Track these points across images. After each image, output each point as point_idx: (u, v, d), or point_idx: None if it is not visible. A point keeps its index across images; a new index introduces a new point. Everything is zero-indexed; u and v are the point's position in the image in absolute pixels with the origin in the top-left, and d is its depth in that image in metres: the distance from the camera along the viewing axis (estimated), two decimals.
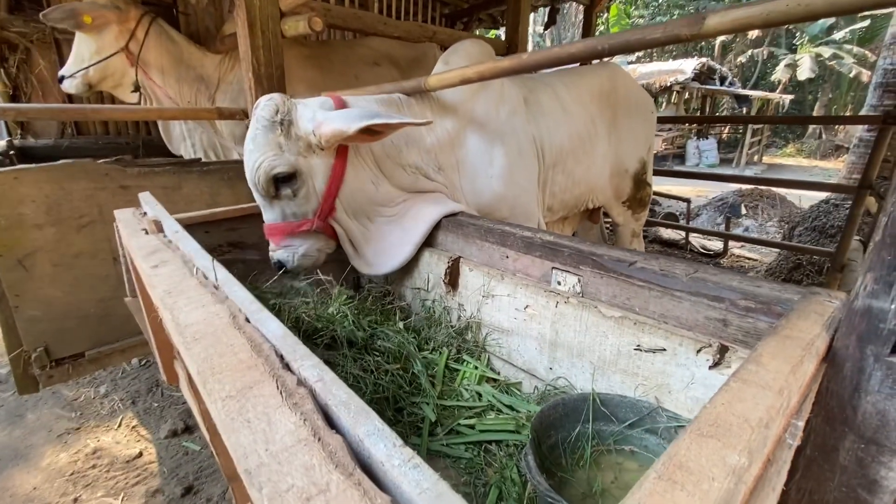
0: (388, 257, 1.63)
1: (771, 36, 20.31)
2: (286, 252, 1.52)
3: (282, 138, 1.40)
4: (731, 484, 0.40)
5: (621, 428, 1.07)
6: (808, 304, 0.79)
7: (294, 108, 1.43)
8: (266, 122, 1.39)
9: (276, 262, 1.54)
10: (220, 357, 0.51)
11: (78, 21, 2.59)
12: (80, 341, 2.01)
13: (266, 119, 1.40)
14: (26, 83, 3.26)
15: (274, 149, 1.40)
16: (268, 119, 1.39)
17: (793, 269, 4.30)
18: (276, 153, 1.40)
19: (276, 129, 1.39)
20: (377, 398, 1.19)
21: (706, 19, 0.91)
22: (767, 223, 6.55)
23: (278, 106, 1.41)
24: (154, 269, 0.83)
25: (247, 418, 0.41)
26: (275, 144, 1.40)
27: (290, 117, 1.41)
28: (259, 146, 1.40)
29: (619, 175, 2.57)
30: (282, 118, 1.40)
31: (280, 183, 1.44)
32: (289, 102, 1.43)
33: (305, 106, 1.45)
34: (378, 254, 1.64)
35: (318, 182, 1.49)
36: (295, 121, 1.41)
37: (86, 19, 2.60)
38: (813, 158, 18.31)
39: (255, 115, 1.43)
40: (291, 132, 1.41)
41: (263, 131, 1.40)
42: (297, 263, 1.53)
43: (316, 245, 1.56)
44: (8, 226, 1.78)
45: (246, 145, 1.44)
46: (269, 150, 1.39)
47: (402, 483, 0.34)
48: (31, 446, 2.21)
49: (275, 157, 1.40)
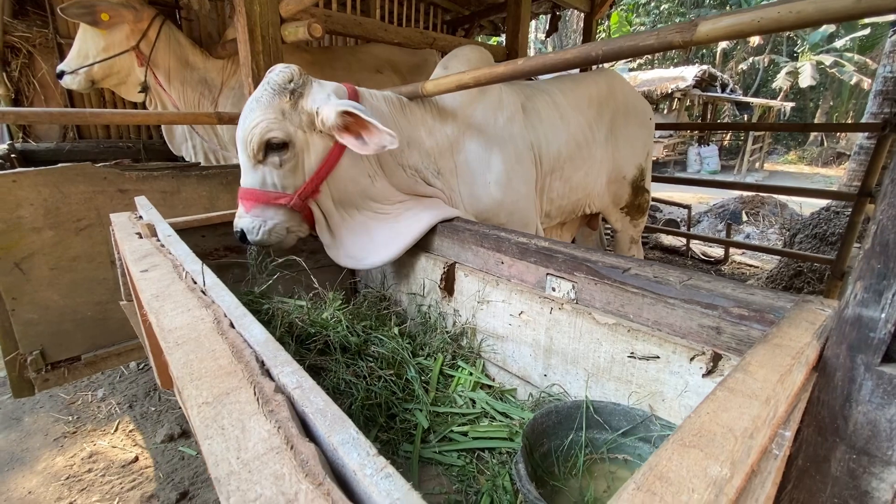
0: (372, 253, 1.55)
1: (772, 43, 20.37)
2: (253, 221, 1.44)
3: (287, 105, 1.39)
4: (712, 496, 0.39)
5: (615, 436, 1.06)
6: (799, 313, 0.79)
7: (309, 84, 1.43)
8: (276, 87, 1.39)
9: (239, 231, 1.46)
10: (201, 362, 0.50)
11: (95, 17, 2.61)
12: (76, 344, 2.01)
13: (278, 83, 1.39)
14: (28, 87, 3.29)
15: (276, 113, 1.38)
16: (279, 84, 1.39)
17: (793, 276, 4.28)
18: (277, 118, 1.38)
19: (284, 96, 1.39)
20: (369, 404, 1.19)
21: (698, 26, 0.91)
22: (768, 230, 6.54)
23: (293, 75, 1.41)
24: (143, 272, 0.83)
25: (221, 425, 0.40)
26: (278, 109, 1.39)
27: (302, 90, 1.41)
28: (262, 106, 1.38)
29: (616, 181, 2.57)
30: (294, 87, 1.39)
31: (270, 149, 1.41)
32: (305, 76, 1.43)
33: (321, 86, 1.44)
34: (361, 248, 1.57)
35: (311, 160, 1.46)
36: (306, 95, 1.41)
37: (103, 16, 2.63)
38: (815, 166, 18.29)
39: (267, 78, 1.43)
40: (299, 104, 1.40)
41: (271, 94, 1.39)
42: (259, 237, 1.45)
43: (287, 223, 1.48)
44: (6, 229, 1.78)
45: (248, 104, 1.42)
46: (270, 113, 1.38)
47: (373, 493, 0.34)
48: (27, 450, 2.21)
49: (274, 121, 1.38)
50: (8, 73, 3.22)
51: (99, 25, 2.66)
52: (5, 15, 3.06)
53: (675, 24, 0.97)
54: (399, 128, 1.65)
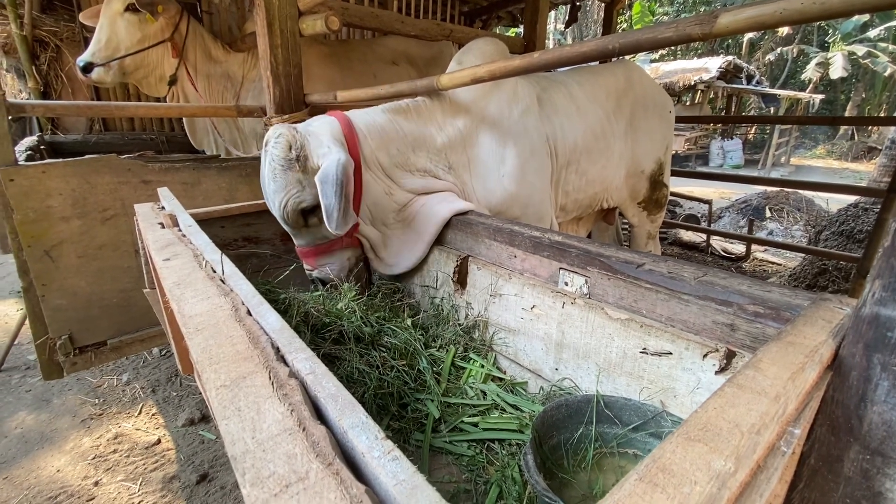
0: (404, 258, 1.68)
1: (802, 33, 19.67)
2: (323, 271, 1.60)
3: (300, 174, 1.43)
4: (714, 489, 0.40)
5: (625, 431, 1.07)
6: (816, 311, 0.77)
7: (307, 143, 1.44)
8: (282, 161, 1.42)
9: (317, 280, 1.61)
10: (219, 347, 0.53)
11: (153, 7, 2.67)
12: (102, 330, 2.08)
13: (281, 158, 1.42)
14: (56, 80, 3.38)
15: (296, 186, 1.43)
16: (283, 157, 1.41)
17: (818, 274, 4.17)
18: (299, 189, 1.44)
19: (293, 167, 1.42)
20: (382, 393, 1.21)
21: (718, 18, 0.89)
22: (793, 227, 6.36)
23: (290, 142, 1.42)
24: (166, 261, 0.86)
25: (238, 407, 0.42)
26: (295, 181, 1.43)
27: (304, 152, 1.43)
28: (280, 186, 1.43)
29: (634, 175, 2.54)
30: (297, 154, 1.42)
31: (308, 214, 1.49)
32: (300, 136, 1.44)
33: (318, 140, 1.45)
34: (395, 255, 1.69)
35: None
36: (310, 155, 1.43)
37: (159, 8, 2.69)
38: (844, 160, 17.68)
39: (269, 153, 1.44)
40: (308, 166, 1.43)
41: (282, 171, 1.42)
42: (334, 277, 1.60)
43: (346, 256, 1.63)
44: (36, 218, 1.85)
45: (266, 183, 1.47)
46: (291, 188, 1.43)
47: (380, 474, 0.35)
48: (56, 430, 2.31)
49: (298, 194, 1.44)
50: (37, 66, 3.32)
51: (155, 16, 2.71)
52: (34, 10, 3.15)
53: (694, 15, 0.96)
54: (403, 134, 1.68)
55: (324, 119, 1.56)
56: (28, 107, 1.95)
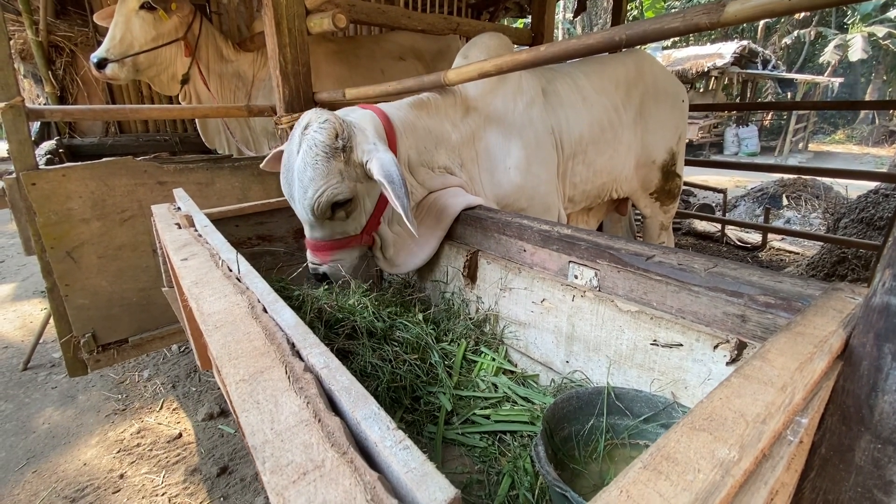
0: (413, 256, 1.66)
1: (819, 15, 19.10)
2: (333, 266, 1.53)
3: (342, 165, 1.35)
4: (718, 476, 0.41)
5: (636, 422, 1.07)
6: (827, 301, 0.77)
7: (353, 135, 1.37)
8: (326, 148, 1.33)
9: (322, 275, 1.54)
10: (237, 343, 0.55)
11: (168, 4, 2.71)
12: (124, 328, 2.15)
13: (326, 145, 1.33)
14: (72, 84, 3.46)
15: (336, 176, 1.35)
16: (328, 145, 1.33)
17: (836, 263, 4.09)
18: (339, 181, 1.36)
19: (338, 156, 1.34)
20: (395, 386, 1.23)
21: (726, 7, 0.89)
22: (811, 215, 6.24)
23: (337, 130, 1.34)
24: (184, 261, 0.89)
25: (256, 400, 0.44)
26: (336, 172, 1.35)
27: (350, 144, 1.36)
28: (321, 174, 1.34)
29: (645, 166, 2.51)
30: (343, 144, 1.34)
31: (336, 207, 1.43)
32: (347, 127, 1.37)
33: (364, 134, 1.40)
34: (405, 254, 1.66)
35: (369, 203, 1.52)
36: (355, 147, 1.37)
37: (173, 5, 2.73)
38: (864, 146, 17.21)
39: (309, 138, 1.34)
40: (351, 159, 1.37)
41: (325, 158, 1.33)
42: (343, 274, 1.54)
43: (360, 255, 1.60)
44: (58, 220, 1.91)
45: (300, 169, 1.36)
46: (332, 178, 1.35)
47: (392, 462, 0.37)
48: (82, 425, 2.39)
49: (337, 185, 1.36)
50: (53, 71, 3.40)
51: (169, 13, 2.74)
52: (48, 15, 3.22)
53: (702, 4, 0.95)
54: (428, 130, 1.67)
55: (363, 112, 1.49)
56: (47, 112, 2.01)
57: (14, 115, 1.80)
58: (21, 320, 3.53)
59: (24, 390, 2.67)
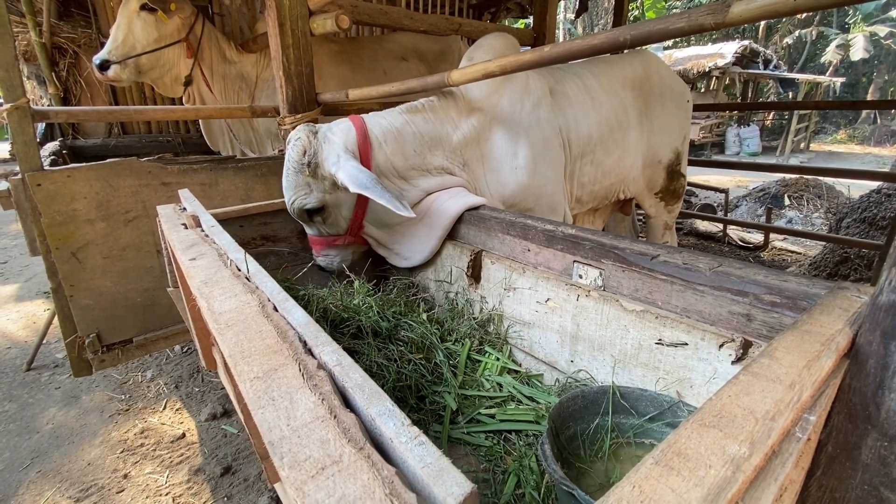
0: (416, 251, 1.74)
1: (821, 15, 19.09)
2: (325, 259, 1.75)
3: (310, 178, 1.54)
4: (729, 472, 0.41)
5: (641, 421, 1.08)
6: (833, 299, 0.77)
7: (320, 149, 1.54)
8: (295, 164, 1.53)
9: (319, 266, 1.77)
10: (250, 342, 0.55)
11: (166, 4, 2.70)
12: (128, 328, 2.15)
13: (295, 161, 1.53)
14: (75, 86, 3.47)
15: (304, 188, 1.56)
16: (296, 161, 1.53)
17: (839, 263, 4.08)
18: (306, 192, 1.56)
19: (304, 171, 1.53)
20: (400, 386, 1.24)
21: (731, 7, 0.89)
22: (813, 214, 6.23)
23: (305, 147, 1.52)
24: (192, 261, 0.89)
25: (272, 397, 0.45)
26: (304, 184, 1.55)
27: (316, 159, 1.53)
28: (290, 186, 1.57)
29: (651, 166, 2.52)
30: (308, 160, 1.52)
31: (312, 213, 1.61)
32: (315, 142, 1.54)
33: (331, 146, 1.54)
34: (408, 248, 1.76)
35: (345, 211, 1.65)
36: (320, 162, 1.53)
37: (172, 6, 2.73)
38: (866, 145, 17.19)
39: (287, 154, 1.56)
40: (318, 173, 1.54)
41: (293, 173, 1.54)
42: (335, 267, 1.75)
43: (350, 252, 1.77)
44: (63, 221, 1.92)
45: (283, 179, 1.60)
46: (299, 190, 1.56)
47: (407, 458, 0.37)
48: (86, 425, 2.39)
49: (305, 196, 1.56)
50: (56, 72, 3.41)
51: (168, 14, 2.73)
52: (51, 17, 3.23)
53: (707, 4, 0.95)
54: (420, 135, 1.71)
55: (343, 126, 1.62)
56: (52, 113, 2.01)
57: (19, 116, 1.81)
58: (25, 321, 3.54)
59: (27, 390, 2.68)
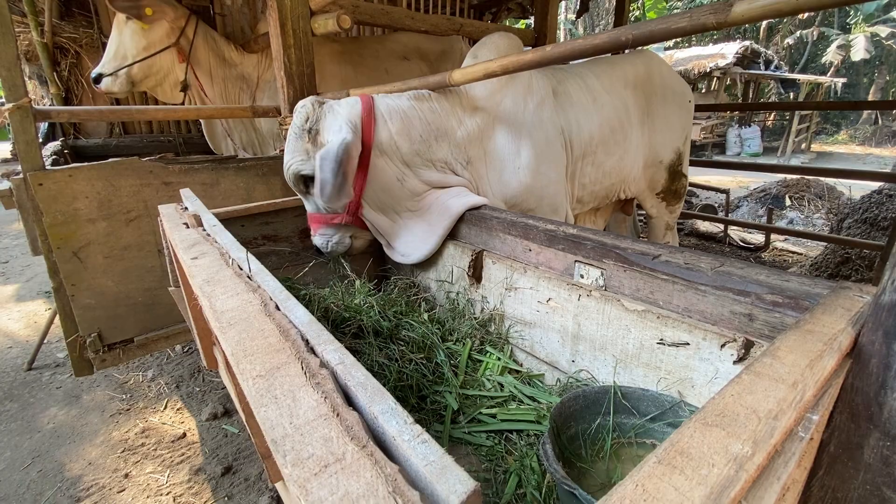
0: (416, 248, 1.72)
1: (822, 15, 19.08)
2: (322, 239, 1.72)
3: (309, 145, 1.55)
4: (732, 471, 0.41)
5: (643, 421, 1.08)
6: (835, 299, 0.77)
7: (323, 118, 1.55)
8: (297, 130, 1.56)
9: (314, 247, 1.75)
10: (252, 340, 0.55)
11: (140, 11, 2.65)
12: (129, 327, 2.15)
13: (297, 126, 1.56)
14: (77, 85, 3.47)
15: (301, 154, 1.56)
16: (298, 126, 1.55)
17: (840, 263, 4.08)
18: (303, 158, 1.56)
19: (304, 137, 1.55)
20: (401, 385, 1.24)
21: (733, 6, 0.89)
22: (814, 215, 6.22)
23: (308, 114, 1.55)
24: (194, 260, 0.90)
25: (274, 395, 0.45)
26: (302, 150, 1.56)
27: (317, 126, 1.54)
28: (290, 150, 1.58)
29: (653, 166, 2.52)
30: (310, 126, 1.54)
31: (308, 181, 1.60)
32: (319, 110, 1.56)
33: (335, 116, 1.55)
34: (407, 244, 1.75)
35: None
36: (322, 130, 1.54)
37: (147, 10, 2.68)
38: (867, 145, 17.18)
39: (294, 118, 1.58)
40: (318, 140, 1.54)
41: (294, 138, 1.57)
42: (330, 249, 1.73)
43: (347, 234, 1.74)
44: (65, 220, 1.92)
45: (285, 144, 1.62)
46: (297, 155, 1.57)
47: (410, 456, 0.37)
48: (87, 425, 2.39)
49: (301, 162, 1.57)
50: (58, 72, 3.41)
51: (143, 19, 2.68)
52: (53, 17, 3.23)
53: (709, 4, 0.95)
54: (427, 121, 1.69)
55: (350, 100, 1.64)
56: (54, 113, 2.02)
57: (22, 115, 1.81)
58: (26, 320, 3.54)
59: (28, 390, 2.68)
